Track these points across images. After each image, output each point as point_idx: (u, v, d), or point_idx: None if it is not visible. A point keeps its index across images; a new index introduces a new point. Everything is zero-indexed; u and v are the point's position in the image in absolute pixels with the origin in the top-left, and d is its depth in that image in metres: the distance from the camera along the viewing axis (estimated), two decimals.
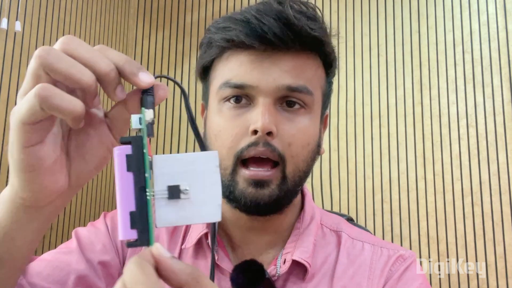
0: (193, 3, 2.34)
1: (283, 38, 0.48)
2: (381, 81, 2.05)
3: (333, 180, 2.04)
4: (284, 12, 0.48)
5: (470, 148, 1.90)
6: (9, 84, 1.63)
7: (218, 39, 0.51)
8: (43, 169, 0.31)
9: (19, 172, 0.31)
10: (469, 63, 1.95)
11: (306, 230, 0.57)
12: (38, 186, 0.32)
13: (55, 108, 0.28)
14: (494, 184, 1.85)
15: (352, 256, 0.56)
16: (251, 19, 0.48)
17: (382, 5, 2.10)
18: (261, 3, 0.51)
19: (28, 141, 0.30)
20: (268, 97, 0.49)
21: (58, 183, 0.33)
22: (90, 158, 0.34)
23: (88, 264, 0.53)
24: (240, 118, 0.50)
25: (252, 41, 0.48)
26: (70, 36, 0.30)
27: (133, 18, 2.41)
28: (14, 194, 0.33)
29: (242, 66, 0.50)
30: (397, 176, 1.96)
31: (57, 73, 0.28)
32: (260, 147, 0.48)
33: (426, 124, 1.97)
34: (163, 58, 2.36)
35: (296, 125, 0.51)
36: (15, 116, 0.29)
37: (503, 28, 1.92)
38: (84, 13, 2.07)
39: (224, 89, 0.51)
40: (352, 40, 2.10)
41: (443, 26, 2.01)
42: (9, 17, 1.59)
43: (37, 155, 0.31)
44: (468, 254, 1.83)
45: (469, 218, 1.86)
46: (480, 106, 1.91)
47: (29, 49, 1.72)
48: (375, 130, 2.02)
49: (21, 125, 0.29)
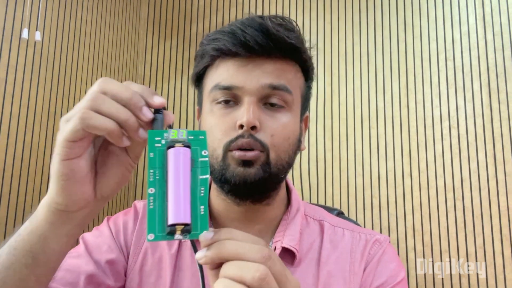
0: (198, 15, 2.34)
1: (264, 45, 0.51)
2: (370, 86, 2.05)
3: (327, 177, 2.04)
4: (264, 24, 0.51)
5: (452, 147, 1.91)
6: (30, 89, 1.66)
7: (209, 49, 0.54)
8: (75, 179, 0.35)
9: (56, 180, 0.35)
10: (451, 70, 1.96)
11: (293, 220, 0.58)
12: (70, 194, 0.36)
13: (92, 127, 0.33)
14: (474, 180, 1.86)
15: (335, 242, 0.58)
16: (236, 31, 0.52)
17: (372, 17, 2.09)
18: (246, 18, 0.54)
19: (67, 155, 0.34)
20: (252, 96, 0.52)
21: (86, 193, 0.37)
22: (111, 175, 0.38)
23: (96, 265, 0.55)
24: (228, 115, 0.53)
25: (237, 49, 0.51)
26: (107, 79, 0.36)
27: (143, 28, 2.42)
28: (51, 200, 0.37)
29: (229, 70, 0.53)
30: (385, 173, 1.97)
31: (101, 112, 0.34)
32: (245, 139, 0.51)
33: (411, 126, 1.97)
34: (171, 65, 2.35)
35: (278, 120, 0.53)
36: (60, 134, 0.35)
37: (482, 38, 1.94)
38: (98, 24, 2.08)
39: (214, 91, 0.53)
40: (344, 49, 2.10)
41: (427, 36, 2.01)
42: (29, 28, 1.63)
43: (72, 167, 0.35)
44: (450, 244, 1.84)
45: (451, 212, 1.87)
46: (461, 109, 1.92)
47: (47, 57, 1.75)
48: (365, 131, 2.02)
49: (64, 142, 0.34)
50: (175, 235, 0.31)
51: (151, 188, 0.33)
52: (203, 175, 0.33)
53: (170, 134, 0.34)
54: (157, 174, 0.33)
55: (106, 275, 0.55)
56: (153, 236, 0.31)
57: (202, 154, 0.34)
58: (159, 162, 0.33)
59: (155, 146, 0.34)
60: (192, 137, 0.35)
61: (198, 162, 0.34)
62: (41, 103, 1.73)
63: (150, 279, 0.56)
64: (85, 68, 1.99)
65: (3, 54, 1.55)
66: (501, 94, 1.89)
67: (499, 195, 1.84)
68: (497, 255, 1.80)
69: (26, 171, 1.64)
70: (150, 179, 0.33)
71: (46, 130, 1.75)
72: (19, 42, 1.60)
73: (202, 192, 0.32)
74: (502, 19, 1.93)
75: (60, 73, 1.83)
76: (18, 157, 1.61)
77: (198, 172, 0.33)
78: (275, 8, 2.23)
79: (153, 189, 0.32)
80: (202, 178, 0.33)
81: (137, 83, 0.38)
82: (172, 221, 0.30)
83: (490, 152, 1.87)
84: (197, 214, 0.32)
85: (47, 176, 1.74)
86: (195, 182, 0.33)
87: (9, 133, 1.57)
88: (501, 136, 1.87)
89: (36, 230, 0.38)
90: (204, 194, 0.32)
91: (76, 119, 0.34)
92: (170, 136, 0.34)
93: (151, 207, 0.32)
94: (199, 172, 0.33)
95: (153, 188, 0.32)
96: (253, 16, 0.53)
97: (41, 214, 0.38)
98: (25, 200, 1.64)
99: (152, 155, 0.34)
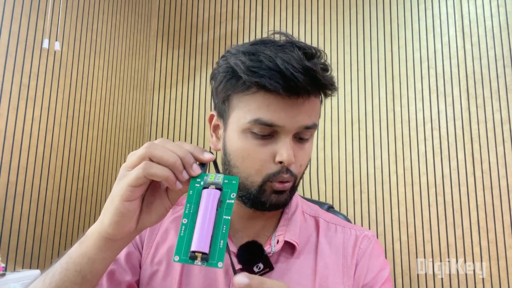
0: (203, 27, 2.35)
1: (309, 89, 0.49)
2: (360, 91, 2.07)
3: (319, 175, 2.05)
4: (313, 69, 0.48)
5: (434, 147, 1.94)
6: (50, 94, 1.68)
7: (252, 82, 0.49)
8: (128, 217, 0.38)
9: (112, 215, 0.38)
10: (433, 77, 1.98)
11: (293, 216, 0.59)
12: (120, 227, 0.39)
13: (153, 175, 0.37)
14: (454, 177, 1.89)
15: (329, 237, 0.59)
16: (285, 72, 0.47)
17: (361, 28, 2.11)
18: (284, 46, 0.50)
19: (128, 197, 0.37)
20: (289, 134, 0.51)
21: (131, 227, 0.40)
22: (153, 213, 0.41)
23: (115, 263, 0.56)
24: (265, 147, 0.51)
25: (284, 91, 0.48)
26: (165, 139, 0.40)
27: (153, 39, 2.42)
28: (102, 229, 0.39)
29: (271, 106, 0.49)
30: (373, 171, 1.98)
31: (154, 158, 0.37)
32: (284, 174, 0.51)
33: (397, 128, 1.99)
34: (178, 72, 2.36)
35: (305, 151, 0.53)
36: (124, 180, 0.38)
37: (461, 48, 1.97)
38: (113, 35, 2.09)
39: (253, 124, 0.50)
40: (336, 57, 2.12)
41: (411, 46, 2.03)
42: (49, 38, 1.66)
43: (128, 208, 0.38)
44: (432, 236, 1.87)
45: (433, 206, 1.89)
46: (442, 112, 1.95)
47: (66, 65, 1.76)
48: (355, 132, 2.04)
49: (128, 187, 0.37)
50: (195, 261, 0.33)
51: (185, 219, 0.35)
52: (226, 216, 0.35)
53: (209, 177, 0.38)
54: (191, 208, 0.36)
55: (124, 271, 0.56)
56: (178, 258, 0.34)
57: (231, 196, 0.36)
58: (195, 199, 0.36)
59: (195, 186, 0.37)
60: (226, 181, 0.37)
61: (225, 204, 0.36)
62: (60, 107, 1.75)
63: (161, 267, 0.57)
64: (100, 75, 2.01)
65: (26, 62, 1.56)
66: (478, 99, 1.93)
67: (476, 191, 1.87)
68: (475, 246, 1.84)
69: (46, 169, 1.66)
70: (186, 212, 0.36)
71: (65, 131, 1.78)
72: (40, 52, 1.63)
73: (224, 230, 0.34)
74: (480, 30, 1.98)
75: (78, 79, 1.86)
76: (39, 156, 1.63)
77: (223, 212, 0.35)
78: (273, 21, 2.26)
79: (186, 220, 0.35)
80: (226, 218, 0.35)
81: (180, 141, 0.41)
82: (194, 248, 0.33)
83: (469, 152, 1.90)
84: (216, 247, 0.34)
85: (66, 174, 1.77)
86: (219, 219, 0.35)
87: (31, 134, 1.59)
88: (479, 137, 1.90)
89: (86, 254, 0.41)
90: (225, 231, 0.34)
91: (139, 168, 0.37)
92: (208, 179, 0.37)
93: (182, 234, 0.35)
94: (224, 212, 0.36)
95: (186, 219, 0.35)
96: (293, 49, 0.49)
97: (90, 240, 0.41)
98: (46, 195, 1.67)
99: (191, 193, 0.37)
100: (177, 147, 0.39)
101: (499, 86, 1.89)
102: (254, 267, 0.50)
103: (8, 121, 1.50)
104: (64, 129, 1.77)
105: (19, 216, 1.55)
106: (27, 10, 1.58)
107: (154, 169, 0.37)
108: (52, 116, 1.71)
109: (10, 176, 1.51)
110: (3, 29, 1.49)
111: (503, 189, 1.82)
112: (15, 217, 1.53)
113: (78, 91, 1.86)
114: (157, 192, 0.41)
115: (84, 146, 1.90)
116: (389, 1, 2.09)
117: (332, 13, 2.16)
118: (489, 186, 1.85)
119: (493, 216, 1.82)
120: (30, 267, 1.58)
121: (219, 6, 2.33)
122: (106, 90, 2.06)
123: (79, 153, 1.86)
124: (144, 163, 0.37)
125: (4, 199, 1.49)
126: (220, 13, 2.33)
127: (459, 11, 1.99)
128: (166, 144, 0.39)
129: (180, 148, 0.39)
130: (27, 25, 1.57)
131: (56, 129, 1.73)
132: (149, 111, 2.39)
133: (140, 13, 2.32)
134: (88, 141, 1.92)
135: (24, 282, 1.34)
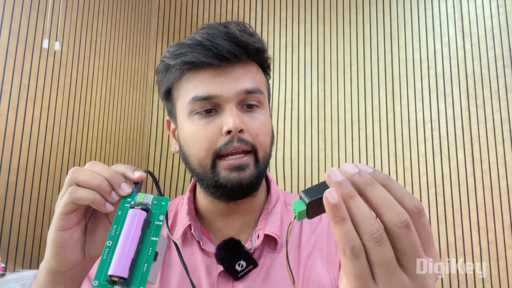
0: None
1: (235, 53, 0.50)
2: (359, 91, 2.08)
3: (320, 175, 2.05)
4: (231, 32, 0.50)
5: (434, 147, 1.94)
6: (50, 95, 1.69)
7: (178, 63, 0.51)
8: (67, 246, 0.38)
9: (51, 247, 0.38)
10: (433, 77, 1.99)
11: (273, 209, 0.57)
12: (62, 258, 0.38)
13: (79, 199, 0.36)
14: (454, 177, 1.90)
15: (313, 226, 0.57)
16: (204, 42, 0.49)
17: (361, 29, 2.12)
18: (206, 28, 0.52)
19: (61, 226, 0.37)
20: (231, 102, 0.50)
21: (76, 257, 0.39)
22: (97, 241, 0.40)
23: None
24: (211, 123, 0.50)
25: (210, 60, 0.49)
26: (94, 161, 0.39)
27: (153, 39, 2.43)
28: (47, 262, 0.39)
29: (204, 81, 0.50)
30: None
31: (79, 182, 0.37)
32: (235, 143, 0.49)
33: (397, 128, 2.00)
34: None
35: (258, 120, 0.52)
36: (56, 210, 0.37)
37: (461, 48, 1.98)
38: (112, 35, 2.10)
39: (192, 103, 0.50)
40: (336, 58, 2.12)
41: (411, 46, 2.04)
42: (49, 38, 1.67)
43: (64, 237, 0.38)
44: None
45: (433, 206, 1.90)
46: (442, 112, 1.95)
47: (66, 65, 1.78)
48: (354, 132, 2.05)
49: (60, 215, 0.37)
50: (114, 286, 0.31)
51: (109, 241, 0.34)
52: (154, 237, 0.34)
53: (138, 197, 0.36)
54: (118, 229, 0.34)
55: None
56: (97, 283, 0.32)
57: (159, 218, 0.35)
58: (122, 220, 0.35)
59: (124, 206, 0.36)
60: (155, 202, 0.36)
61: (153, 225, 0.35)
62: (60, 107, 1.75)
63: None
64: (100, 75, 2.01)
65: (26, 63, 1.59)
66: (478, 99, 1.94)
67: (476, 191, 1.88)
68: (475, 246, 1.85)
69: (46, 169, 1.68)
70: (111, 233, 0.34)
71: (65, 131, 1.78)
72: (40, 52, 1.65)
73: (150, 252, 0.33)
74: (479, 31, 1.99)
75: (78, 79, 1.86)
76: (39, 157, 1.65)
77: (151, 234, 0.34)
78: (273, 21, 2.26)
79: (110, 242, 0.34)
80: (153, 239, 0.34)
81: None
82: (111, 272, 0.31)
83: (469, 152, 1.91)
84: (139, 270, 0.32)
85: (65, 173, 1.77)
86: (146, 241, 0.34)
87: (31, 134, 1.61)
88: (478, 137, 1.91)
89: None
90: (151, 253, 0.33)
91: (66, 195, 0.37)
92: (137, 199, 0.36)
93: (104, 257, 0.33)
94: (152, 233, 0.34)
95: (111, 241, 0.34)
96: (214, 25, 0.51)
97: (40, 275, 0.41)
98: (46, 196, 1.67)
99: (119, 213, 0.35)
100: (104, 168, 0.38)
101: (499, 86, 1.90)
102: (236, 265, 0.49)
103: (8, 121, 1.50)
104: (64, 129, 1.77)
105: (19, 216, 1.55)
106: (27, 10, 1.60)
107: (79, 193, 0.36)
108: (52, 116, 1.71)
109: (10, 176, 1.51)
110: (3, 29, 1.51)
111: (503, 189, 1.84)
112: (15, 217, 1.54)
113: (78, 91, 1.86)
114: (99, 218, 0.41)
115: (84, 146, 1.90)
116: (389, 2, 2.11)
117: (332, 13, 2.17)
118: (489, 186, 1.86)
119: (493, 216, 1.83)
120: (30, 267, 1.58)
121: (219, 6, 2.34)
122: (106, 90, 2.06)
123: (79, 153, 1.87)
124: (70, 188, 0.37)
125: (4, 199, 1.49)
126: (220, 13, 2.35)
127: (459, 11, 2.00)
128: (94, 167, 0.38)
129: (108, 169, 0.38)
130: (27, 25, 1.61)
131: (56, 129, 1.74)
132: (149, 111, 2.40)
133: (140, 13, 2.33)
134: (88, 141, 1.92)
135: (24, 282, 1.34)
